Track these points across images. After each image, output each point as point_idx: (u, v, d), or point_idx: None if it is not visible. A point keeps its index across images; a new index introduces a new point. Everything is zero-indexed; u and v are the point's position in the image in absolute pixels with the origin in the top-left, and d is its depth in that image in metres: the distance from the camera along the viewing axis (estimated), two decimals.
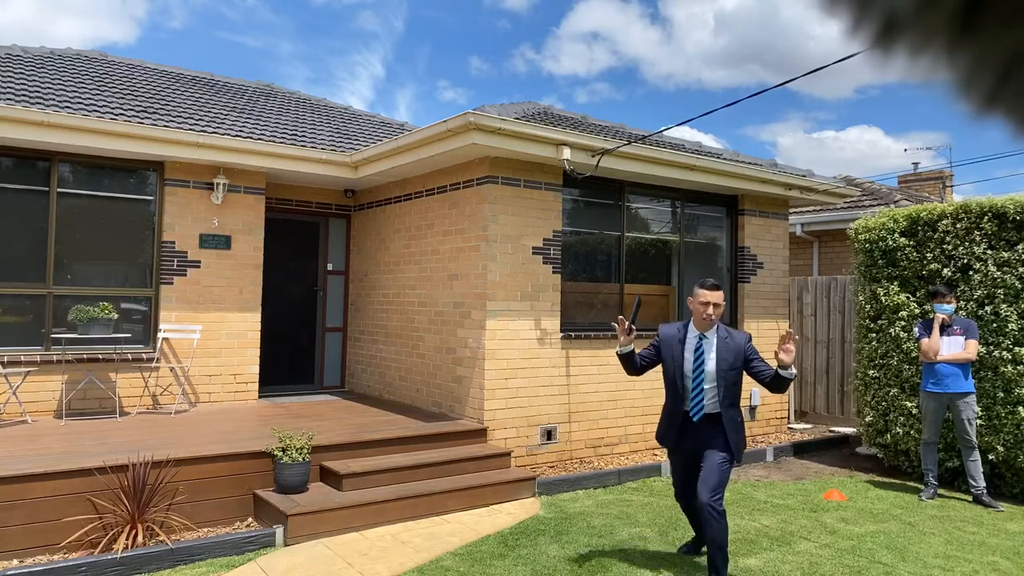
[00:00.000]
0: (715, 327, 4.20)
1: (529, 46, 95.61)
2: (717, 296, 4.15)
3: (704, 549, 4.41)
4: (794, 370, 3.99)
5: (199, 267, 7.75)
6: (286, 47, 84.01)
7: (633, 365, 4.31)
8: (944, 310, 6.15)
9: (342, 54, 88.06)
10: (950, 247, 6.78)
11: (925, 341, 6.23)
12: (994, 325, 6.42)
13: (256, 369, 8.06)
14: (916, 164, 16.02)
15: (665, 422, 4.35)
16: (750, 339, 4.26)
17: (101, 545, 4.59)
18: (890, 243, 7.17)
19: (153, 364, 7.41)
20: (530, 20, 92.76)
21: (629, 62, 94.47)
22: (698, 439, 4.18)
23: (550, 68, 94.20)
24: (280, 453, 5.33)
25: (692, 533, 5.18)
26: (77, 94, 7.64)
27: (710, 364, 4.14)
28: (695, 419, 4.16)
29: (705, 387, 4.13)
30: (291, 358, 9.11)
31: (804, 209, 11.77)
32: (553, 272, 7.12)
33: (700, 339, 4.17)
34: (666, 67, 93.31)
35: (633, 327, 4.22)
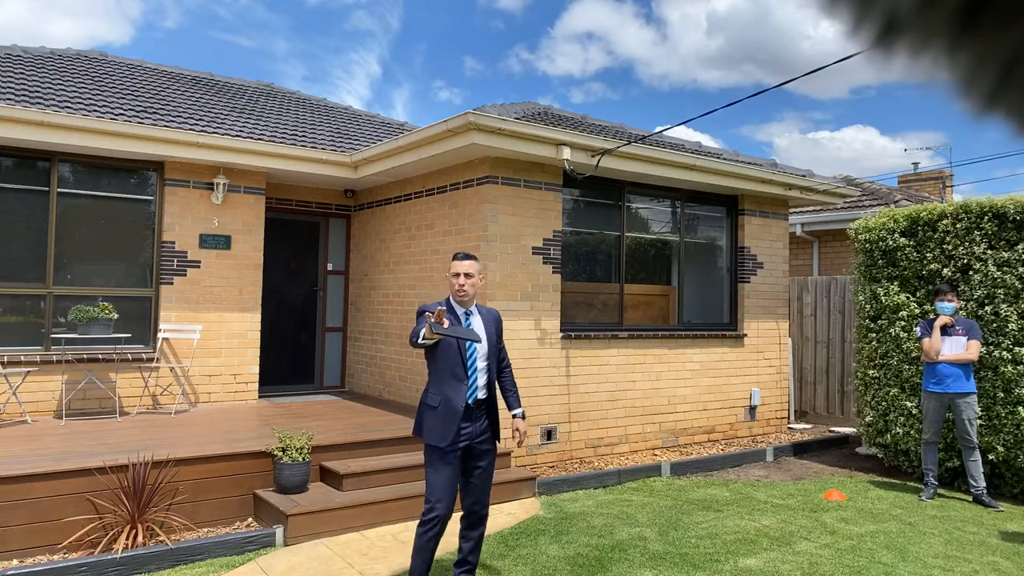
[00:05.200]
0: (474, 303, 4.00)
1: (524, 46, 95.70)
2: (466, 266, 3.89)
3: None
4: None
5: (199, 267, 7.75)
6: (282, 45, 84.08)
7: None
8: (945, 309, 6.15)
9: (339, 52, 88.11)
10: (950, 247, 6.78)
11: (926, 341, 6.23)
12: (994, 325, 6.42)
13: (256, 369, 8.06)
14: (916, 164, 16.02)
15: (442, 415, 3.77)
16: (500, 314, 4.11)
17: (101, 545, 4.59)
18: (890, 243, 7.17)
19: (153, 364, 7.41)
20: (524, 20, 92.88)
21: (624, 62, 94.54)
22: (472, 432, 3.84)
23: (545, 68, 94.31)
24: (280, 453, 5.33)
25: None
26: (77, 94, 7.64)
27: (483, 338, 3.89)
28: (471, 404, 3.82)
29: (479, 365, 3.87)
30: (291, 358, 9.11)
31: (804, 209, 11.77)
32: (553, 272, 7.12)
33: (467, 315, 3.93)
34: (661, 67, 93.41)
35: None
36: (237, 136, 7.70)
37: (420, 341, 3.68)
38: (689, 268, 8.47)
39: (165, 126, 7.28)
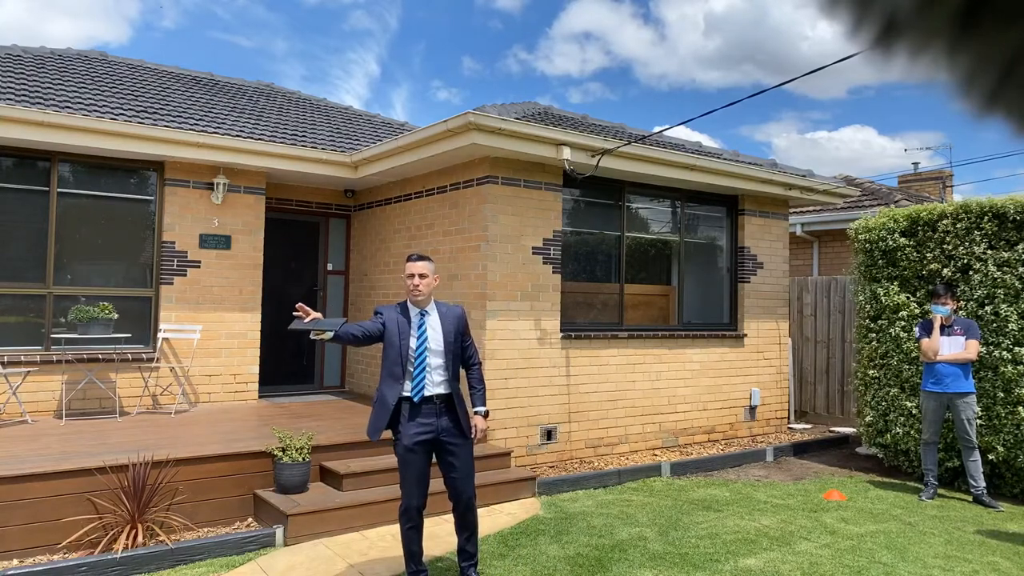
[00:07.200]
0: (432, 302, 4.05)
1: (522, 47, 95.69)
2: (420, 267, 3.96)
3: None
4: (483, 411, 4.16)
5: (199, 267, 7.75)
6: (281, 45, 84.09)
7: (347, 341, 3.89)
8: (940, 311, 6.16)
9: (337, 52, 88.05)
10: (950, 247, 6.79)
11: (925, 341, 6.24)
12: (994, 325, 6.42)
13: (256, 369, 8.06)
14: (916, 164, 16.03)
15: (376, 411, 3.93)
16: (464, 310, 4.20)
17: (101, 545, 4.59)
18: (890, 243, 7.17)
19: (153, 364, 7.41)
20: (522, 21, 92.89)
21: (622, 62, 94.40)
22: (436, 428, 3.90)
23: (543, 68, 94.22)
24: (280, 453, 5.33)
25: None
26: (77, 94, 7.64)
27: (436, 337, 3.95)
28: (416, 401, 3.87)
29: (431, 363, 3.91)
30: (291, 358, 9.11)
31: (804, 209, 11.77)
32: (553, 272, 7.12)
33: (422, 315, 3.98)
34: (659, 67, 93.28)
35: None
36: (237, 136, 7.70)
37: (312, 336, 3.82)
38: (689, 268, 8.47)
39: (165, 126, 7.28)
